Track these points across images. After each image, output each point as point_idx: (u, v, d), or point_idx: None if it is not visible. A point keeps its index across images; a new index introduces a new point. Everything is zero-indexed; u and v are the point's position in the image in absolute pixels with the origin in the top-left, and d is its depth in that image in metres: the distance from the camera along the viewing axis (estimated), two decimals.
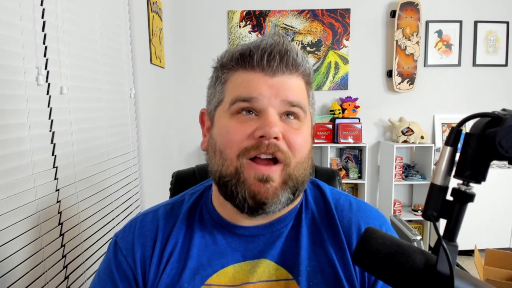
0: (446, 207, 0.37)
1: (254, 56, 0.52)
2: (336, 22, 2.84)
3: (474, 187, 0.37)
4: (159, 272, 0.57)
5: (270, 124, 0.50)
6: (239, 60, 0.54)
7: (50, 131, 1.04)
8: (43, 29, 1.02)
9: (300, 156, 0.53)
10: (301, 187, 0.56)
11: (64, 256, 1.08)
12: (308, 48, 2.85)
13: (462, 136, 0.38)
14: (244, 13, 2.80)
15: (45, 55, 1.02)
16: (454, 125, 0.41)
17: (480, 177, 0.36)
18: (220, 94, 0.56)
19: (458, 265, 0.40)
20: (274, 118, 0.51)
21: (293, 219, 0.60)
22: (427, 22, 2.84)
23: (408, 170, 2.88)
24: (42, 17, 1.02)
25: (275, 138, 0.51)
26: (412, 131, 2.71)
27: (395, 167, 2.73)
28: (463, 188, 0.36)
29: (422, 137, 2.71)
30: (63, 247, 1.07)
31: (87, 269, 1.22)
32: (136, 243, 0.60)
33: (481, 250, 2.12)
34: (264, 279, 0.55)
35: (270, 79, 0.52)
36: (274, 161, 0.52)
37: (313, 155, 0.59)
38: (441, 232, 0.37)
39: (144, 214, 0.64)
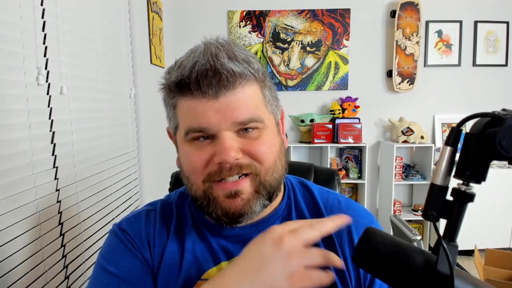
0: (446, 207, 0.37)
1: (191, 85, 0.50)
2: (336, 22, 2.84)
3: (474, 187, 0.37)
4: (158, 269, 0.57)
5: (225, 150, 0.49)
6: (178, 89, 0.52)
7: (50, 131, 1.04)
8: (43, 29, 1.01)
9: (268, 162, 0.53)
10: (276, 190, 0.56)
11: (64, 256, 1.08)
12: (308, 48, 2.85)
13: (462, 136, 0.38)
14: (244, 13, 2.80)
15: (45, 55, 1.02)
16: (454, 125, 0.41)
17: (480, 177, 0.36)
18: (174, 119, 0.56)
19: (458, 265, 0.40)
20: (228, 142, 0.50)
21: (282, 219, 0.60)
22: (427, 22, 2.84)
23: (408, 170, 2.88)
24: (42, 17, 1.01)
25: (236, 159, 0.50)
26: (412, 131, 2.71)
27: (395, 167, 2.73)
28: (463, 188, 0.36)
29: (422, 137, 2.71)
30: (63, 247, 1.07)
31: (87, 269, 1.22)
32: (143, 233, 0.59)
33: (481, 250, 2.12)
34: None
35: (214, 103, 0.50)
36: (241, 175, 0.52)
37: (285, 150, 0.58)
38: (441, 232, 0.37)
39: (147, 210, 0.64)
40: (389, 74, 2.87)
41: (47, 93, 1.03)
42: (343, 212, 0.60)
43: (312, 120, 2.80)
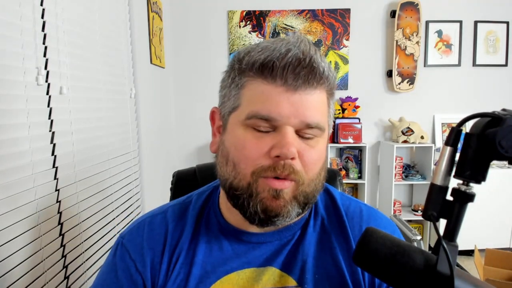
0: (446, 207, 0.37)
1: (278, 70, 0.48)
2: (336, 22, 2.83)
3: (474, 187, 0.37)
4: (166, 278, 0.56)
5: (288, 144, 0.47)
6: (259, 70, 0.49)
7: (50, 131, 1.04)
8: (43, 29, 1.01)
9: (312, 173, 0.52)
10: (311, 202, 0.55)
11: (64, 256, 1.08)
12: None
13: (462, 136, 0.38)
14: (244, 13, 2.80)
15: (45, 55, 1.02)
16: (454, 125, 0.41)
17: (480, 177, 0.36)
18: (235, 100, 0.52)
19: (458, 265, 0.40)
20: (291, 138, 0.48)
21: (302, 225, 0.59)
22: (427, 22, 2.84)
23: (408, 170, 2.88)
24: (42, 17, 1.01)
25: (291, 158, 0.49)
26: (412, 131, 2.71)
27: (395, 167, 2.73)
28: (463, 188, 0.36)
29: (422, 137, 2.71)
30: (63, 247, 1.07)
31: (87, 269, 1.22)
32: (146, 247, 0.57)
33: (481, 250, 2.12)
34: (268, 287, 0.54)
35: (291, 95, 0.48)
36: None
37: (326, 165, 0.57)
38: (441, 232, 0.37)
39: (152, 216, 0.62)
40: (389, 74, 2.87)
41: (47, 93, 1.03)
42: (364, 221, 0.59)
43: None
